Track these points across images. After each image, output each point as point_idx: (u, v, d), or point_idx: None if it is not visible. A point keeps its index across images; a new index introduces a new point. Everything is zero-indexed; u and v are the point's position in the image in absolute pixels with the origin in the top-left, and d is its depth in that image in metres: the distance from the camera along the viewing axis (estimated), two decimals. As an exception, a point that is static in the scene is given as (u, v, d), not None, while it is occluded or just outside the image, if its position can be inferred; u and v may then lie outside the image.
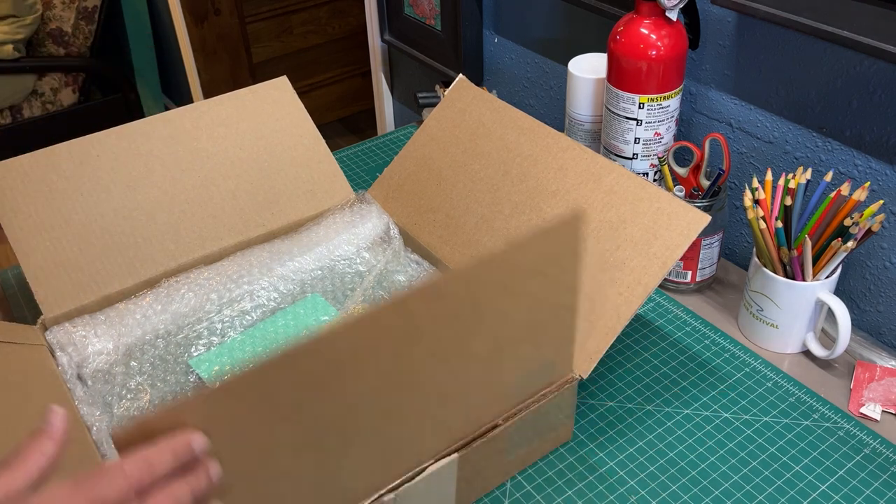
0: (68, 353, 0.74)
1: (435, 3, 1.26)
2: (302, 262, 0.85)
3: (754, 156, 0.89)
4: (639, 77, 0.82)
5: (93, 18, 2.20)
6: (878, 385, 0.75)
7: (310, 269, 0.85)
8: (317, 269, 0.85)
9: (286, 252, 0.86)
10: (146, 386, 0.74)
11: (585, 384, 0.77)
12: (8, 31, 2.05)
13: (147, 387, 0.74)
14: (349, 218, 0.90)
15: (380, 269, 0.86)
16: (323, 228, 0.88)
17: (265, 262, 0.84)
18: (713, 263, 0.86)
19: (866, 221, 0.71)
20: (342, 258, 0.87)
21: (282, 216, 0.89)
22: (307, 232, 0.88)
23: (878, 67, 0.74)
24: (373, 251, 0.88)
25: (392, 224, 0.90)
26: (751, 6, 0.79)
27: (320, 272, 0.85)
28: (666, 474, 0.68)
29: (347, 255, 0.87)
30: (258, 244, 0.87)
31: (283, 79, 0.94)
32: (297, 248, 0.86)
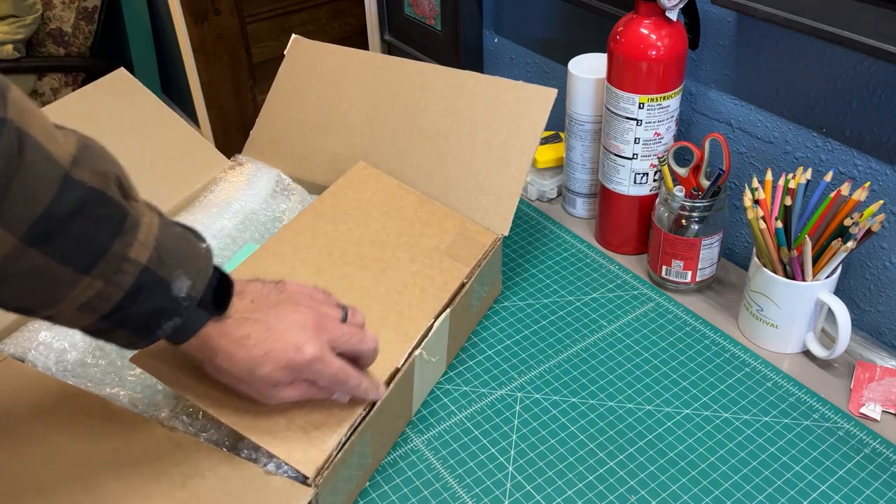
0: (41, 352, 0.73)
1: (435, 3, 1.26)
2: (221, 223, 0.89)
3: (754, 156, 0.89)
4: (639, 77, 0.82)
5: (93, 18, 2.20)
6: (878, 385, 0.75)
7: (231, 226, 0.89)
8: (237, 224, 0.89)
9: (202, 218, 0.89)
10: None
11: (585, 384, 0.77)
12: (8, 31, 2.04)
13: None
14: (241, 178, 0.94)
15: (296, 209, 0.92)
16: (222, 192, 0.93)
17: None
18: (713, 263, 0.86)
19: (866, 221, 0.71)
20: (253, 211, 0.91)
21: (175, 193, 0.93)
22: (208, 199, 0.92)
23: (878, 67, 0.74)
24: (277, 199, 0.93)
25: (282, 174, 0.95)
26: (751, 6, 0.78)
27: (242, 226, 0.89)
28: (666, 474, 0.68)
29: (257, 207, 0.92)
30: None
31: (122, 70, 0.97)
32: (209, 213, 0.90)
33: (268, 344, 0.56)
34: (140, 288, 0.50)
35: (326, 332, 0.58)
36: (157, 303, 0.51)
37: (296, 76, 0.99)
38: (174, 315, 0.53)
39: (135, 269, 0.50)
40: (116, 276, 0.49)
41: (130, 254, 0.49)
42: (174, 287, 0.52)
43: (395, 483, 0.68)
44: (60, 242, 0.47)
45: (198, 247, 0.55)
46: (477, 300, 0.82)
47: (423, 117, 0.90)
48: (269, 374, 0.56)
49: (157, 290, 0.51)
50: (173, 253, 0.52)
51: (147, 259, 0.50)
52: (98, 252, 0.48)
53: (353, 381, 0.60)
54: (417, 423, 0.74)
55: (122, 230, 0.49)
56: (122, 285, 0.50)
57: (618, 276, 0.91)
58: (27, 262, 0.46)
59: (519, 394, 0.76)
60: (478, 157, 0.86)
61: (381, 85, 0.93)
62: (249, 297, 0.58)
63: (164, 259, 0.51)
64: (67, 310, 0.49)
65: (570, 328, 0.84)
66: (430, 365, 0.74)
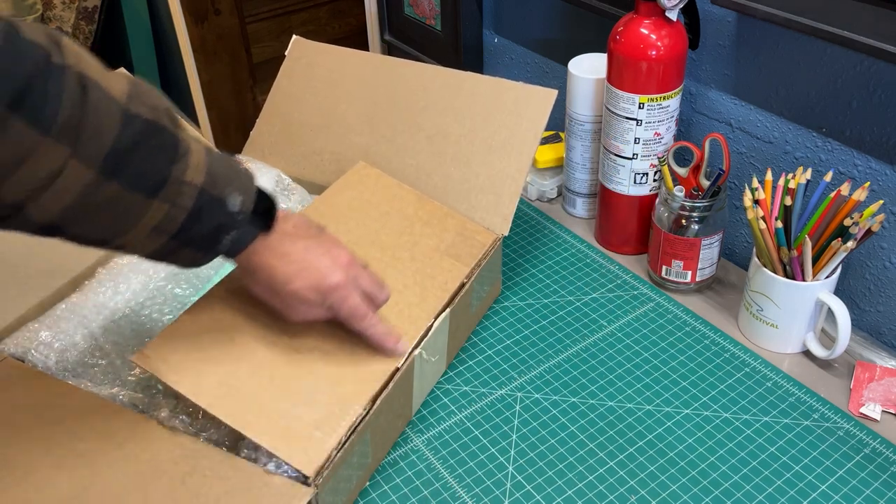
0: (41, 352, 0.73)
1: (435, 3, 1.26)
2: None
3: (754, 156, 0.89)
4: (639, 77, 0.82)
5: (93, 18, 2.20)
6: (878, 385, 0.75)
7: None
8: None
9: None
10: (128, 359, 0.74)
11: (585, 384, 0.77)
12: (8, 31, 2.04)
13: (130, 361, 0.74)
14: None
15: (296, 209, 0.92)
16: None
17: None
18: (713, 263, 0.86)
19: (866, 221, 0.71)
20: None
21: None
22: None
23: (878, 67, 0.74)
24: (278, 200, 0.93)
25: (282, 174, 0.95)
26: (751, 6, 0.79)
27: None
28: (666, 474, 0.68)
29: None
30: None
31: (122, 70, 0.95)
32: None
33: (303, 263, 0.63)
34: (200, 208, 0.55)
35: (353, 270, 0.65)
36: (217, 219, 0.57)
37: (296, 76, 0.99)
38: (231, 229, 0.59)
39: (193, 191, 0.55)
40: (179, 199, 0.54)
41: (186, 178, 0.54)
42: (229, 203, 0.57)
43: (395, 483, 0.68)
44: (128, 172, 0.51)
45: (240, 167, 0.60)
46: (477, 300, 0.82)
47: (423, 117, 0.90)
48: (298, 289, 0.63)
49: (214, 208, 0.57)
50: (222, 173, 0.57)
51: (202, 182, 0.55)
52: (161, 178, 0.53)
53: (369, 319, 0.66)
54: (417, 423, 0.74)
55: (178, 157, 0.54)
56: (185, 206, 0.55)
57: (618, 276, 0.91)
58: (104, 193, 0.51)
59: (519, 394, 0.76)
60: (478, 156, 0.86)
61: (381, 85, 0.93)
62: (292, 222, 0.65)
63: (216, 180, 0.56)
64: (140, 235, 0.54)
65: (570, 328, 0.84)
66: (429, 364, 0.74)
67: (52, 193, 0.49)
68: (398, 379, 0.67)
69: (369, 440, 0.65)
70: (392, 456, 0.71)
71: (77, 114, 0.48)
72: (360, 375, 0.66)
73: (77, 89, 0.48)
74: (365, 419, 0.63)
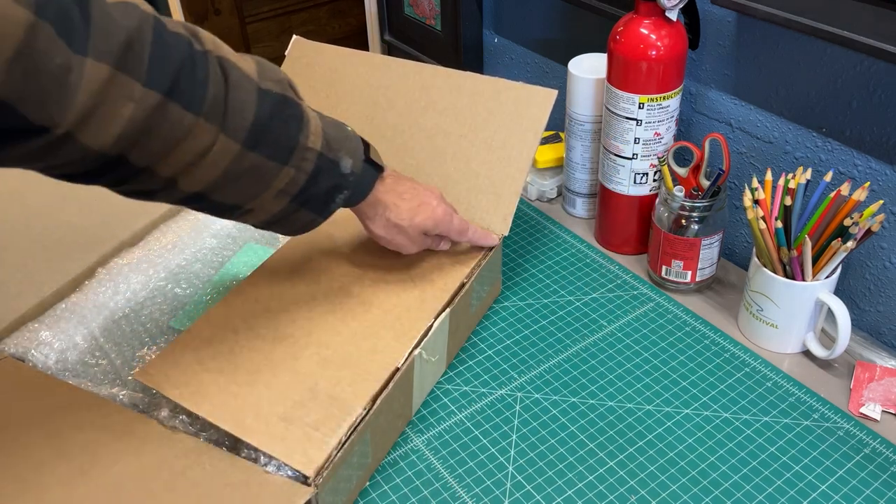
0: (41, 352, 0.74)
1: (435, 3, 1.26)
2: (222, 222, 0.91)
3: (754, 156, 0.89)
4: (639, 77, 0.82)
5: (93, 18, 2.20)
6: (878, 385, 0.75)
7: (231, 225, 0.91)
8: (238, 224, 0.90)
9: (203, 218, 0.91)
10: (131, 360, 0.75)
11: (585, 384, 0.77)
12: (8, 31, 2.04)
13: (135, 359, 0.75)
14: None
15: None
16: None
17: (189, 230, 0.89)
18: (713, 263, 0.86)
19: (866, 221, 0.71)
20: None
21: None
22: None
23: (878, 67, 0.74)
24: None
25: None
26: (751, 6, 0.79)
27: (242, 225, 0.91)
28: (666, 474, 0.68)
29: None
30: (164, 221, 0.91)
31: None
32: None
33: (419, 198, 0.72)
34: (319, 170, 0.61)
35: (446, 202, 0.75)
36: (332, 181, 0.63)
37: (296, 76, 0.99)
38: (344, 189, 0.64)
39: (313, 155, 0.60)
40: (303, 164, 0.60)
41: (309, 143, 0.60)
42: (342, 165, 0.63)
43: (395, 483, 0.68)
44: (267, 142, 0.57)
45: (348, 132, 0.65)
46: (477, 300, 0.82)
47: (423, 117, 0.90)
48: (422, 221, 0.72)
49: (330, 170, 0.62)
50: (335, 138, 0.63)
51: (320, 146, 0.61)
52: (292, 145, 0.58)
53: (470, 230, 0.77)
54: (417, 423, 0.74)
55: (303, 124, 0.59)
56: (307, 169, 0.60)
57: (618, 276, 0.91)
58: (247, 163, 0.56)
59: (519, 394, 0.76)
60: (478, 156, 0.86)
61: (381, 85, 0.93)
62: (390, 166, 0.72)
63: (331, 144, 0.62)
64: (268, 198, 0.60)
65: (570, 328, 0.84)
66: (429, 364, 0.74)
67: (203, 167, 0.54)
68: (398, 379, 0.67)
69: (369, 440, 0.66)
70: (392, 456, 0.71)
71: (221, 94, 0.53)
72: (359, 376, 0.66)
73: (219, 72, 0.53)
74: (365, 419, 0.63)
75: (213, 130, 0.53)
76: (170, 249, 0.86)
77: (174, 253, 0.85)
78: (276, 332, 0.70)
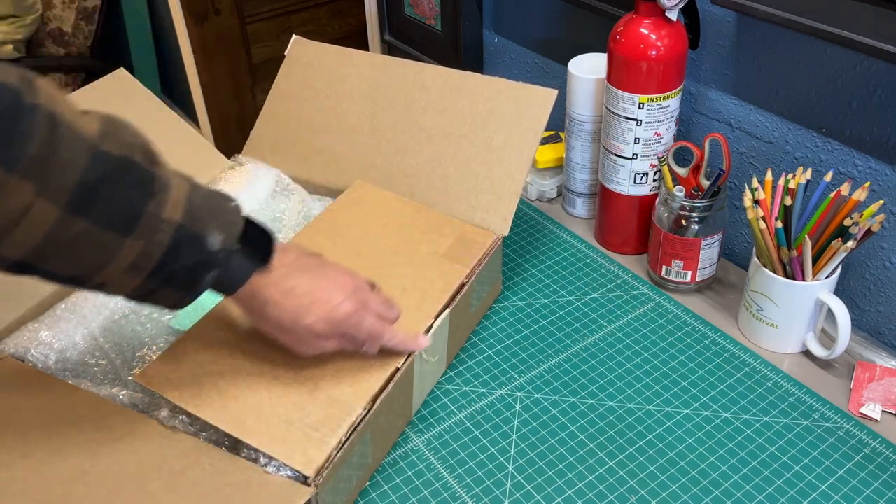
0: (41, 352, 0.73)
1: (435, 3, 1.26)
2: None
3: (754, 156, 0.89)
4: (639, 77, 0.82)
5: (93, 18, 2.20)
6: (878, 385, 0.75)
7: None
8: None
9: None
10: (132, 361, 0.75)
11: (585, 384, 0.77)
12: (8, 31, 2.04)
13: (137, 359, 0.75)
14: (241, 178, 0.94)
15: (295, 208, 0.92)
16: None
17: None
18: (713, 263, 0.86)
19: (866, 221, 0.71)
20: (253, 211, 0.91)
21: None
22: None
23: (878, 67, 0.74)
24: (277, 199, 0.93)
25: (282, 174, 0.95)
26: (751, 6, 0.78)
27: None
28: (666, 474, 0.68)
29: (256, 208, 0.92)
30: None
31: (122, 70, 0.97)
32: None
33: (313, 295, 0.62)
34: (178, 244, 0.55)
35: (361, 294, 0.65)
36: (195, 256, 0.56)
37: (296, 76, 0.99)
38: (212, 267, 0.57)
39: (170, 227, 0.54)
40: (156, 236, 0.54)
41: (164, 214, 0.54)
42: (208, 241, 0.56)
43: (395, 483, 0.68)
44: (99, 208, 0.51)
45: (226, 204, 0.59)
46: (477, 300, 0.82)
47: (423, 117, 0.90)
48: (312, 323, 0.62)
49: (193, 244, 0.56)
50: (204, 210, 0.56)
51: (181, 216, 0.55)
52: (135, 214, 0.53)
53: (386, 335, 0.66)
54: (417, 423, 0.74)
55: (154, 192, 0.53)
56: (162, 243, 0.54)
57: (618, 276, 0.91)
58: (74, 230, 0.50)
59: (519, 394, 0.76)
60: (478, 156, 0.86)
61: (381, 85, 0.93)
62: (293, 254, 0.64)
63: (197, 215, 0.56)
64: (116, 272, 0.54)
65: (570, 328, 0.84)
66: (429, 365, 0.74)
67: (23, 230, 0.49)
68: (398, 379, 0.67)
69: (369, 440, 0.66)
70: (392, 456, 0.71)
71: (45, 152, 0.48)
72: (359, 376, 0.66)
73: (46, 128, 0.48)
74: (365, 419, 0.63)
75: (30, 189, 0.48)
76: None
77: None
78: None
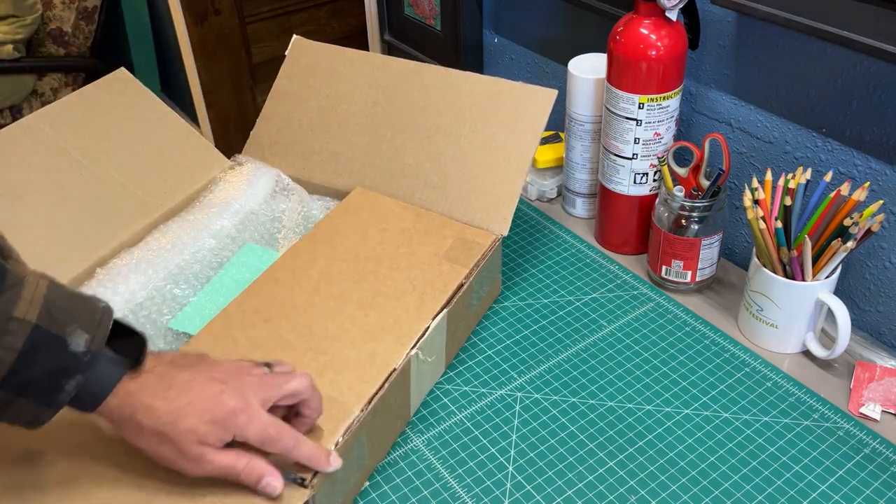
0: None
1: (435, 3, 1.26)
2: (221, 222, 0.89)
3: (754, 156, 0.89)
4: (639, 77, 0.82)
5: (93, 18, 2.20)
6: (878, 385, 0.75)
7: (230, 226, 0.89)
8: (237, 224, 0.90)
9: (202, 218, 0.90)
10: None
11: (585, 384, 0.77)
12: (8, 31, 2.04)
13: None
14: (241, 178, 0.94)
15: (295, 209, 0.92)
16: (222, 192, 0.93)
17: (188, 231, 0.89)
18: (713, 263, 0.86)
19: (866, 221, 0.71)
20: (253, 212, 0.91)
21: (175, 192, 0.93)
22: (208, 199, 0.92)
23: (878, 67, 0.74)
24: (277, 199, 0.93)
25: (281, 174, 0.95)
26: (751, 6, 0.78)
27: (241, 226, 0.90)
28: (666, 474, 0.68)
29: (256, 208, 0.92)
30: (164, 222, 0.91)
31: (122, 69, 0.97)
32: (209, 213, 0.90)
33: (190, 395, 0.53)
34: (34, 347, 0.48)
35: (248, 385, 0.55)
36: (55, 361, 0.49)
37: (296, 76, 0.99)
38: (75, 373, 0.50)
39: (24, 328, 0.48)
40: (6, 338, 0.47)
41: (16, 313, 0.48)
42: (71, 343, 0.49)
43: (395, 483, 0.68)
44: None
45: (93, 303, 0.52)
46: (476, 300, 0.82)
47: (423, 117, 0.90)
48: (193, 426, 0.53)
49: (52, 347, 0.49)
50: (65, 309, 0.50)
51: (37, 317, 0.48)
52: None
53: (286, 439, 0.55)
54: (417, 423, 0.74)
55: (3, 289, 0.48)
56: (14, 346, 0.47)
57: (618, 276, 0.91)
58: None
59: (519, 394, 0.76)
60: (477, 156, 0.86)
61: (381, 85, 0.93)
62: (168, 357, 0.57)
63: (56, 315, 0.49)
64: None
65: (570, 328, 0.84)
66: (426, 365, 0.74)
67: None
68: (394, 379, 0.67)
69: (366, 441, 0.65)
70: (392, 456, 0.71)
71: None
72: (358, 379, 0.66)
73: None
74: (361, 420, 0.63)
75: None
76: (169, 250, 0.86)
77: (173, 254, 0.85)
78: (275, 341, 0.70)
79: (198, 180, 0.95)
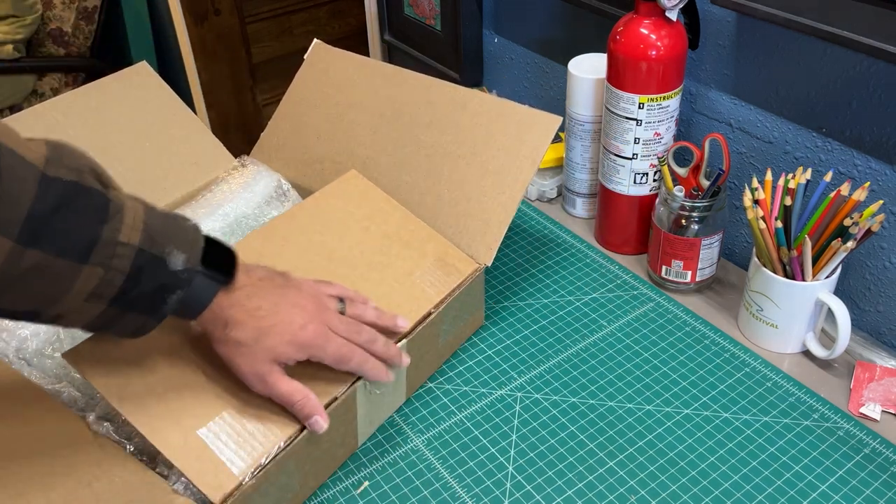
0: (3, 338, 0.72)
1: (435, 3, 1.26)
2: (210, 223, 0.89)
3: (754, 156, 0.89)
4: (639, 77, 0.82)
5: (93, 18, 2.20)
6: (878, 385, 0.75)
7: (220, 227, 0.89)
8: (226, 227, 0.89)
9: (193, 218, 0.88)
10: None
11: (585, 384, 0.77)
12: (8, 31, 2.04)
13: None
14: (241, 180, 0.94)
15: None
16: (219, 193, 0.92)
17: None
18: (713, 263, 0.86)
19: (866, 221, 0.71)
20: (244, 216, 0.91)
21: (175, 189, 0.93)
22: (206, 198, 0.92)
23: (878, 67, 0.74)
24: (271, 206, 0.93)
25: (282, 180, 0.95)
26: (751, 6, 0.78)
27: (229, 229, 0.89)
28: (666, 474, 0.68)
29: (248, 212, 0.91)
30: None
31: (144, 63, 0.98)
32: (201, 212, 0.90)
33: (276, 317, 0.60)
34: (140, 269, 0.53)
35: (326, 318, 0.63)
36: (158, 279, 0.54)
37: (311, 81, 0.98)
38: (176, 288, 0.55)
39: (130, 251, 0.52)
40: (114, 261, 0.51)
41: (121, 238, 0.52)
42: (170, 262, 0.54)
43: (395, 483, 0.68)
44: (52, 237, 0.49)
45: (184, 224, 0.57)
46: (449, 330, 0.78)
47: (426, 133, 0.87)
48: (274, 346, 0.60)
49: (155, 267, 0.53)
50: (162, 231, 0.54)
51: (139, 241, 0.52)
52: (90, 240, 0.50)
53: (357, 357, 0.63)
54: (417, 423, 0.74)
55: (108, 216, 0.51)
56: (122, 269, 0.52)
57: (618, 276, 0.91)
58: (27, 262, 0.48)
59: (519, 394, 0.76)
60: (472, 179, 0.83)
61: (389, 97, 0.91)
62: (257, 274, 0.62)
63: (156, 238, 0.54)
64: (75, 302, 0.51)
65: (570, 328, 0.84)
66: (378, 396, 0.70)
67: None
68: (334, 409, 0.64)
69: (294, 470, 0.63)
70: (392, 456, 0.71)
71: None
72: None
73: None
74: (288, 449, 0.61)
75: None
76: None
77: None
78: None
79: (199, 179, 0.94)
